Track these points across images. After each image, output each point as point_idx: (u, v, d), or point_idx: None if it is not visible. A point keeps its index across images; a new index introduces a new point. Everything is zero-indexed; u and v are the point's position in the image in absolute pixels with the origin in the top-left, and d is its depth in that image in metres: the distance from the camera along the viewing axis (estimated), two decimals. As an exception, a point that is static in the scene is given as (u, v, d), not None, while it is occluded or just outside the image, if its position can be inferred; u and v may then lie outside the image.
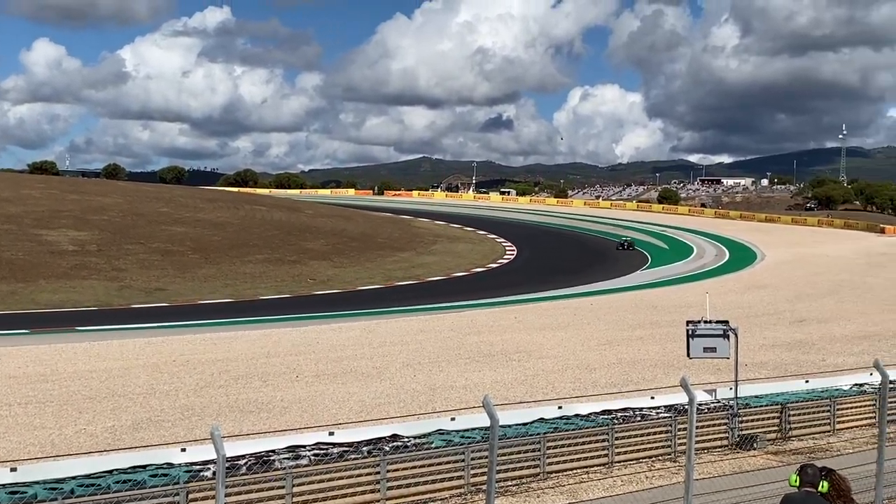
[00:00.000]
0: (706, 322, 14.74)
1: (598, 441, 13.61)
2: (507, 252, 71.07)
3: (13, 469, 10.35)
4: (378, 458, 11.63)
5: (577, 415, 14.27)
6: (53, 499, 9.69)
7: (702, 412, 14.41)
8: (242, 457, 11.23)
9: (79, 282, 46.50)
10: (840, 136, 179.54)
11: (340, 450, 11.96)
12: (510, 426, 13.16)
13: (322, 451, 11.81)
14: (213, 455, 6.32)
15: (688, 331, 14.79)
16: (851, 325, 33.26)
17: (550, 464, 13.02)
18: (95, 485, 10.09)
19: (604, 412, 14.49)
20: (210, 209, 73.56)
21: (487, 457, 6.67)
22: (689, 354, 14.83)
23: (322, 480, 11.18)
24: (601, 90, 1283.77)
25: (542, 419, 13.81)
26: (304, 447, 11.93)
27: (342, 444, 12.14)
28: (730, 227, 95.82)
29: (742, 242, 79.90)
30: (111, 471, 10.57)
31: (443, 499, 11.90)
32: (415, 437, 12.64)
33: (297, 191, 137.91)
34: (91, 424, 17.41)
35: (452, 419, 13.16)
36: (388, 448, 12.03)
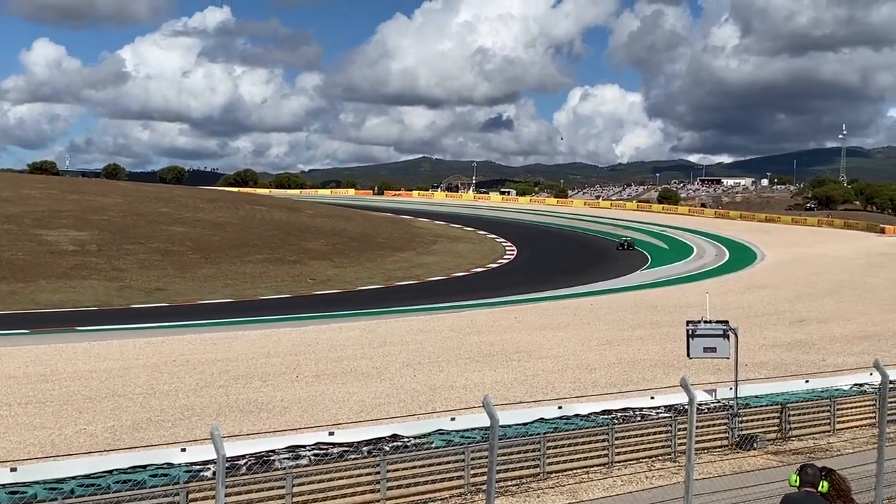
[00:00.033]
0: (706, 322, 14.74)
1: (598, 441, 13.61)
2: (507, 252, 71.08)
3: (13, 469, 10.35)
4: (378, 458, 11.64)
5: (577, 415, 14.28)
6: (53, 499, 9.70)
7: (702, 412, 14.41)
8: (242, 457, 11.24)
9: (79, 282, 46.50)
10: (840, 136, 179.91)
11: (340, 450, 11.96)
12: (510, 426, 13.16)
13: (322, 451, 11.82)
14: (213, 455, 6.32)
15: (688, 331, 14.79)
16: (851, 325, 33.26)
17: (550, 464, 13.03)
18: (95, 485, 10.10)
19: (604, 412, 14.50)
20: (210, 209, 73.57)
21: (487, 457, 6.67)
22: (689, 354, 14.82)
23: (322, 480, 11.19)
24: (601, 90, 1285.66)
25: (542, 419, 13.82)
26: (304, 447, 11.94)
27: (342, 444, 12.15)
28: (730, 227, 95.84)
29: (742, 242, 79.89)
30: (111, 471, 10.58)
31: (443, 499, 11.90)
32: (415, 437, 12.64)
33: (297, 191, 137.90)
34: (91, 424, 17.41)
35: (452, 419, 13.16)
36: (388, 448, 12.03)
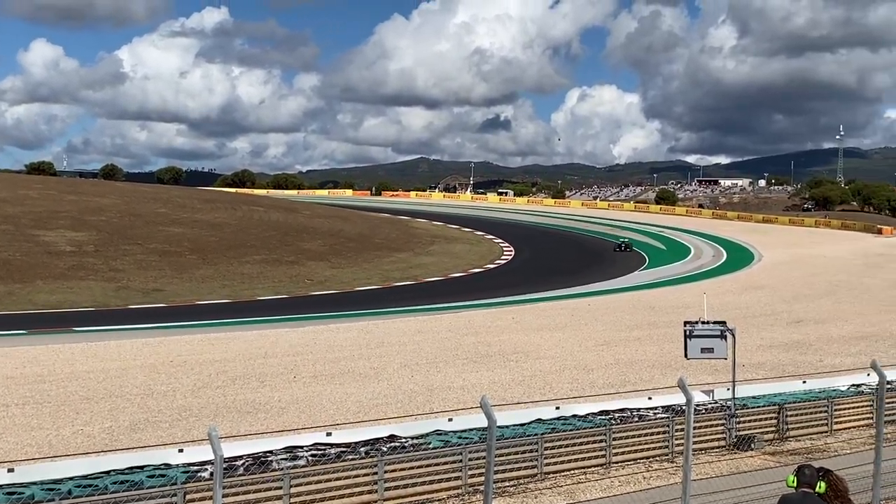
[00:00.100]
0: (704, 323, 14.74)
1: (596, 442, 13.62)
2: (505, 253, 71.08)
3: (11, 470, 10.35)
4: (376, 459, 11.65)
5: (575, 415, 14.30)
6: (51, 499, 9.70)
7: (699, 413, 14.43)
8: (240, 457, 11.25)
9: (76, 282, 46.46)
10: (837, 137, 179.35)
11: (338, 450, 11.98)
12: (508, 427, 13.17)
13: (320, 452, 11.83)
14: (211, 456, 6.32)
15: (685, 331, 14.79)
16: (849, 326, 33.29)
17: (548, 464, 13.04)
18: (93, 485, 10.10)
19: (601, 413, 14.52)
20: (208, 210, 73.52)
21: (485, 457, 6.67)
22: (687, 355, 14.83)
23: (320, 481, 11.19)
24: (599, 91, 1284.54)
25: (540, 420, 13.84)
26: (302, 448, 11.96)
27: (340, 445, 12.16)
28: (727, 228, 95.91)
29: (739, 243, 79.93)
30: (109, 471, 10.59)
31: (440, 499, 11.91)
32: (412, 438, 12.65)
33: (295, 191, 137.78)
34: (88, 425, 17.40)
35: (450, 420, 13.18)
36: (386, 449, 12.05)
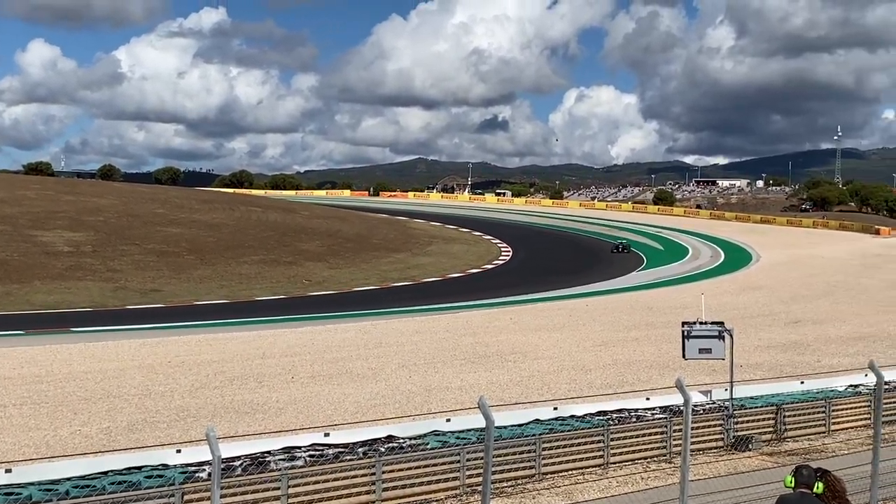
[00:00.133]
0: (702, 323, 14.75)
1: (594, 442, 13.61)
2: (503, 253, 71.09)
3: (8, 470, 10.34)
4: (374, 460, 11.64)
5: (573, 416, 14.29)
6: (48, 500, 9.69)
7: (697, 413, 14.42)
8: (238, 458, 11.24)
9: (74, 283, 46.43)
10: (835, 138, 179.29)
11: (336, 451, 11.97)
12: (506, 427, 13.16)
13: (317, 453, 11.82)
14: (209, 456, 6.31)
15: (683, 332, 14.80)
16: (846, 327, 33.33)
17: (546, 465, 13.03)
18: (91, 486, 10.09)
19: (599, 413, 14.51)
20: (205, 210, 73.49)
21: (483, 458, 6.68)
22: (685, 355, 14.83)
23: (318, 482, 11.18)
24: (596, 91, 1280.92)
25: (538, 420, 13.83)
26: (300, 448, 11.95)
27: (338, 445, 12.16)
28: (725, 229, 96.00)
29: (737, 244, 79.99)
30: (106, 472, 10.58)
31: (438, 500, 11.91)
32: (410, 438, 12.65)
33: (293, 192, 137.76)
34: (86, 425, 17.39)
35: (448, 420, 13.17)
36: (384, 449, 12.04)
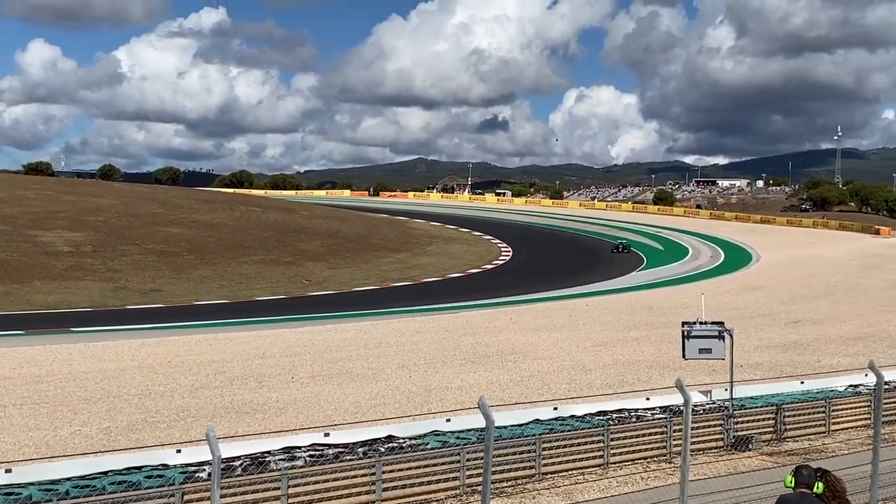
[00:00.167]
0: (702, 323, 14.75)
1: (594, 442, 13.61)
2: (503, 253, 71.08)
3: (8, 470, 10.33)
4: (374, 460, 11.64)
5: (573, 416, 14.28)
6: (48, 500, 9.69)
7: (697, 413, 14.42)
8: (238, 458, 11.24)
9: (74, 283, 46.43)
10: (835, 138, 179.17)
11: (336, 451, 11.97)
12: (506, 427, 13.16)
13: (318, 453, 11.82)
14: (209, 456, 6.31)
15: (683, 332, 14.80)
16: (846, 327, 33.33)
17: (546, 465, 13.02)
18: (91, 486, 10.09)
19: (599, 413, 14.51)
20: (205, 210, 73.48)
21: (483, 458, 6.68)
22: (685, 355, 14.83)
23: (318, 482, 11.18)
24: (596, 91, 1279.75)
25: (538, 420, 13.83)
26: (300, 448, 11.95)
27: (338, 446, 12.15)
28: (725, 229, 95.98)
29: (737, 244, 79.99)
30: (106, 472, 10.57)
31: (438, 500, 11.90)
32: (410, 438, 12.64)
33: (293, 192, 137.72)
34: (86, 425, 17.39)
35: (448, 420, 13.16)
36: (384, 449, 12.04)
